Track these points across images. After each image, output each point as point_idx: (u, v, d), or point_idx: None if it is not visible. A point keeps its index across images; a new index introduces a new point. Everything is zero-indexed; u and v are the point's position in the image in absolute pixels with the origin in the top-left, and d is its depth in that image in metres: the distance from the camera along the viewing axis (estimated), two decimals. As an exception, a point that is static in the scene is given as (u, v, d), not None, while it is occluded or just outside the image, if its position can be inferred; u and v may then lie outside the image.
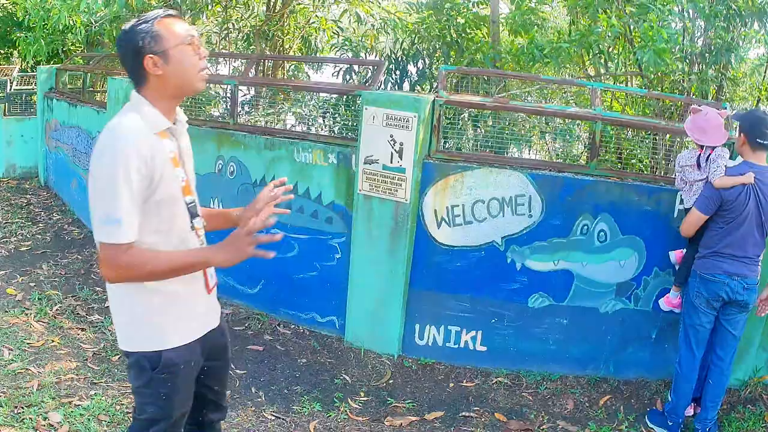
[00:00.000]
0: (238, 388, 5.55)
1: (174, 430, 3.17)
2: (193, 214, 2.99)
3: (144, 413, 3.08)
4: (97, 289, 7.61)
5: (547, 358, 5.71)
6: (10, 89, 14.38)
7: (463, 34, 9.01)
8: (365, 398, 5.48)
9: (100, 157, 2.66)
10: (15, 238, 9.42)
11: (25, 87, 15.19)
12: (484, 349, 5.81)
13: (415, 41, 9.29)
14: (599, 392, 5.59)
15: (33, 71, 14.82)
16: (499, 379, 5.64)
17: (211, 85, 7.90)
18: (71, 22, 10.80)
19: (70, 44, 14.01)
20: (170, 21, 2.84)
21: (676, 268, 5.35)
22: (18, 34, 12.78)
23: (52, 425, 4.85)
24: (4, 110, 13.30)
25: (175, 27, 2.83)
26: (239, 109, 7.27)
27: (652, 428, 5.14)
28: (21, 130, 12.89)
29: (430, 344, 5.91)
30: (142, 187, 2.71)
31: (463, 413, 5.24)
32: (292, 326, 6.53)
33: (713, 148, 4.81)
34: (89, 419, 4.95)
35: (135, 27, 2.78)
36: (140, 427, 3.11)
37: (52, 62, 13.26)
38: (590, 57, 8.34)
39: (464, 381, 5.67)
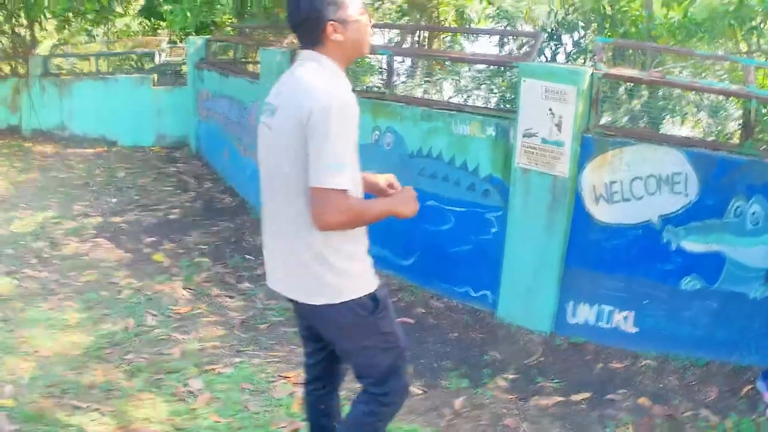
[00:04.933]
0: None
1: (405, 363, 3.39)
2: None
3: (378, 368, 3.27)
4: (248, 257, 7.74)
5: (695, 342, 5.52)
6: (160, 60, 14.71)
7: (617, 6, 8.84)
8: (513, 376, 5.43)
9: (334, 109, 2.82)
10: (164, 206, 9.67)
11: (175, 58, 15.54)
12: (634, 330, 5.68)
13: (569, 12, 9.17)
14: (742, 381, 5.33)
15: (182, 42, 15.13)
16: (647, 361, 5.50)
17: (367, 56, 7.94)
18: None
19: (220, 15, 14.28)
20: None
21: None
22: (165, 7, 13.06)
23: (192, 392, 4.95)
24: (154, 81, 13.64)
25: None
26: (395, 79, 7.28)
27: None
28: (171, 100, 13.24)
29: (581, 323, 5.83)
30: (354, 139, 2.97)
31: (609, 395, 5.14)
32: (445, 300, 6.53)
33: None
34: (232, 387, 5.03)
35: None
36: (383, 385, 3.30)
37: (201, 33, 13.52)
38: (743, 32, 8.09)
39: (613, 362, 5.56)
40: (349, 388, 4.02)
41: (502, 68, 7.53)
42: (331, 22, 2.97)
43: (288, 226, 3.08)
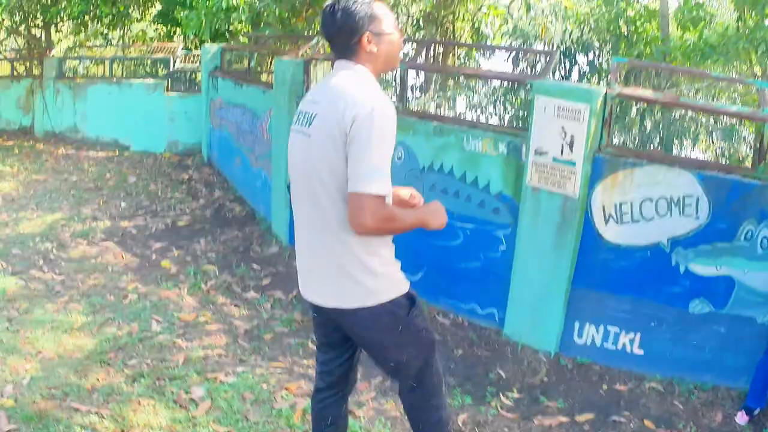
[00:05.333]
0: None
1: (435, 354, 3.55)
2: None
3: (412, 365, 3.41)
4: (255, 266, 7.74)
5: (702, 366, 5.47)
6: (174, 67, 14.74)
7: (633, 27, 8.85)
8: (517, 395, 5.40)
9: (376, 117, 2.91)
10: (173, 213, 9.70)
11: (189, 65, 15.57)
12: (640, 352, 5.63)
13: (585, 32, 9.18)
14: (748, 406, 5.37)
15: (197, 49, 15.16)
16: (652, 384, 5.46)
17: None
18: (234, 2, 11.04)
19: (235, 23, 14.32)
20: (381, 4, 3.19)
21: None
22: (181, 13, 13.09)
23: (194, 400, 4.94)
24: (167, 87, 13.68)
25: (387, 11, 3.19)
26: (408, 93, 7.27)
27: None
28: (184, 107, 13.27)
29: (588, 344, 5.78)
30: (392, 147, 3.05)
31: (614, 417, 5.10)
32: (451, 316, 6.48)
33: None
34: (233, 396, 5.02)
35: (354, 5, 3.09)
36: (420, 379, 3.47)
37: (217, 41, 13.54)
38: (757, 55, 8.09)
39: (618, 384, 5.52)
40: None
41: (516, 85, 7.51)
42: (367, 34, 3.08)
43: (326, 232, 3.14)
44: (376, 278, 3.16)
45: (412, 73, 8.37)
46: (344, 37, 3.11)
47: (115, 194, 10.58)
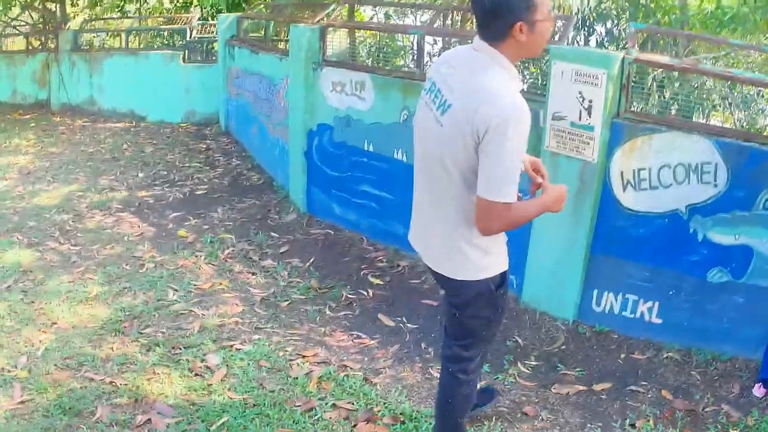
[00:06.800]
0: (408, 342, 5.53)
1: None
2: None
3: (478, 334, 3.58)
4: (273, 234, 7.73)
5: (720, 336, 5.38)
6: (190, 37, 14.70)
7: (651, -5, 8.77)
8: (535, 363, 5.36)
9: (512, 124, 2.83)
10: (191, 182, 9.69)
11: (205, 35, 15.53)
12: (659, 321, 5.56)
13: (603, 1, 9.09)
14: (766, 377, 5.31)
15: (213, 20, 15.11)
16: (669, 354, 5.39)
17: (397, 35, 7.89)
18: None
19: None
20: None
21: None
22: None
23: (209, 368, 4.96)
24: (184, 57, 13.63)
25: (545, 1, 2.95)
26: (426, 59, 7.22)
27: None
28: (201, 77, 13.21)
29: (606, 311, 5.73)
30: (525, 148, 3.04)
31: (631, 387, 5.05)
32: (470, 283, 6.42)
33: None
34: (249, 364, 5.03)
35: None
36: (473, 349, 3.63)
37: (233, 11, 13.48)
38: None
39: (635, 353, 5.46)
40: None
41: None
42: (520, 24, 2.88)
43: (442, 214, 3.24)
44: (485, 256, 3.29)
45: (429, 39, 8.28)
46: (498, 21, 2.92)
47: (132, 165, 10.59)
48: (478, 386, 4.18)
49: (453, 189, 3.12)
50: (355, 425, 4.38)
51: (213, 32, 14.63)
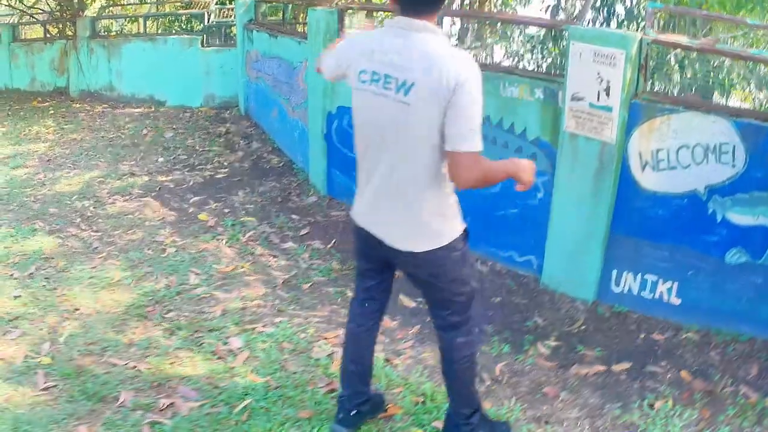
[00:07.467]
0: (428, 323, 5.47)
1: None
2: None
3: (463, 296, 3.62)
4: (293, 217, 7.75)
5: (738, 317, 5.37)
6: (208, 21, 14.72)
7: (670, -25, 8.74)
8: (555, 343, 5.37)
9: (473, 79, 3.06)
10: (211, 165, 9.71)
11: (223, 19, 15.54)
12: (678, 301, 5.57)
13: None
14: (785, 359, 5.28)
15: (231, 3, 15.12)
16: (688, 334, 5.40)
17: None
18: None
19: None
20: None
21: None
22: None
23: (232, 350, 4.97)
24: (203, 42, 13.65)
25: None
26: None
27: None
28: (220, 61, 13.21)
29: (625, 292, 5.73)
30: None
31: (650, 367, 5.06)
32: (489, 263, 6.45)
33: None
34: (271, 346, 5.05)
35: None
36: (466, 312, 3.70)
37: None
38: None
39: (655, 333, 5.46)
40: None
41: (552, 33, 7.42)
42: None
43: (407, 185, 3.32)
44: (447, 221, 3.42)
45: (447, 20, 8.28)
46: None
47: (152, 150, 10.63)
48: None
49: (424, 161, 3.23)
50: (376, 406, 4.39)
51: (231, 16, 14.66)
